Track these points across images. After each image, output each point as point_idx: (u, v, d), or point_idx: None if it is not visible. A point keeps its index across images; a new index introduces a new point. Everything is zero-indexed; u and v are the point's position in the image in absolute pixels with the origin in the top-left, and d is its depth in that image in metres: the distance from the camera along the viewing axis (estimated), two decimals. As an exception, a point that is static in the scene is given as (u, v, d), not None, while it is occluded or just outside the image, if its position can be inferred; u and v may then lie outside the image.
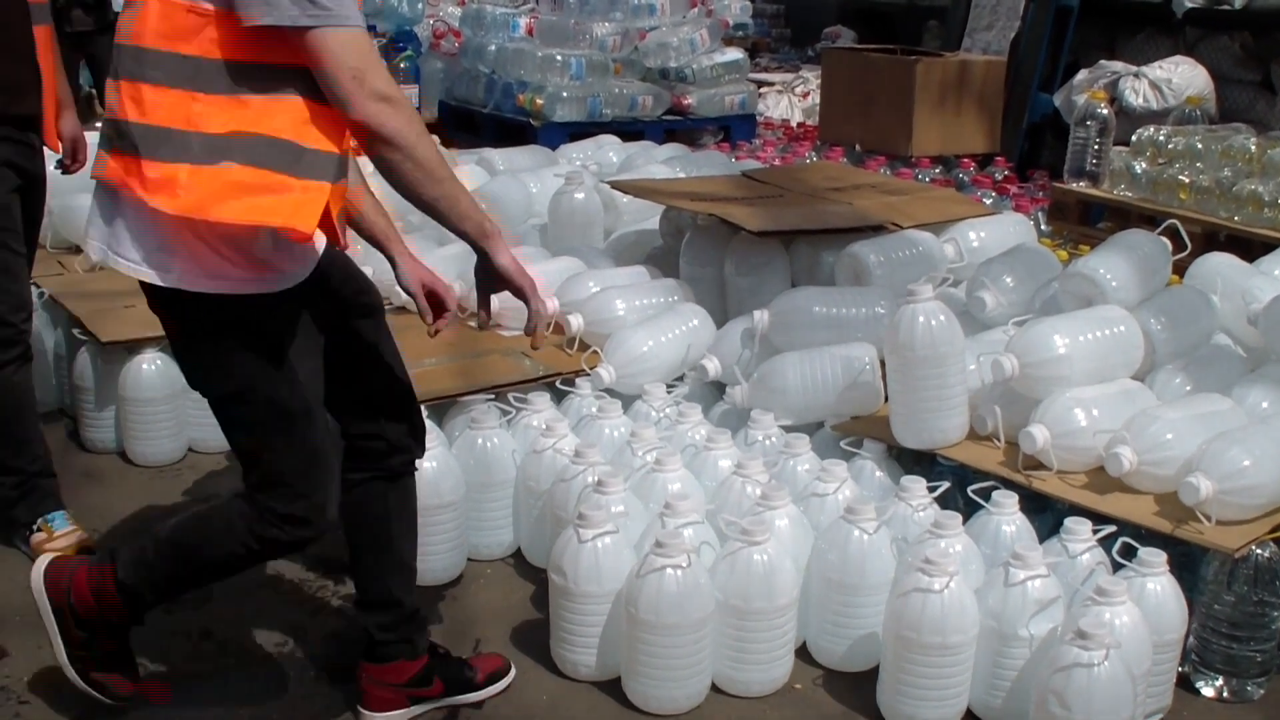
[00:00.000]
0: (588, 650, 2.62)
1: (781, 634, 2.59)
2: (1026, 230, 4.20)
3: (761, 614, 2.52)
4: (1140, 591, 2.42)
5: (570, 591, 2.57)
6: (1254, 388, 3.01)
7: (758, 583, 2.49)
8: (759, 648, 2.56)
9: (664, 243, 4.28)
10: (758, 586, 2.49)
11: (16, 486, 3.08)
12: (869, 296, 3.45)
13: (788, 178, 4.60)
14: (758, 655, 2.57)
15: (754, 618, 2.52)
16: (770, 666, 2.60)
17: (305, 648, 2.75)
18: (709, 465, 2.96)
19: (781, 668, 2.62)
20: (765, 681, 2.60)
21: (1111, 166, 4.88)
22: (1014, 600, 2.41)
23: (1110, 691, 2.21)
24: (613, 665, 2.61)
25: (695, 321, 3.61)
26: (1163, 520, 2.63)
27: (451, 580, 3.03)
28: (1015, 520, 2.70)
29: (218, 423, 2.23)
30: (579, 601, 2.58)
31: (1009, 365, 2.89)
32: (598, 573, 2.55)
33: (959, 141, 6.91)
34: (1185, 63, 6.28)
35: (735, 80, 7.70)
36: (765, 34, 13.49)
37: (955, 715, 2.50)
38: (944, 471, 2.96)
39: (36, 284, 4.07)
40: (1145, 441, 2.71)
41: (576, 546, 2.55)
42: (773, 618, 2.54)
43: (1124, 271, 3.22)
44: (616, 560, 2.56)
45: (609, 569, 2.55)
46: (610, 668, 2.62)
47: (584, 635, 2.61)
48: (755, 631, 2.54)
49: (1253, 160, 4.46)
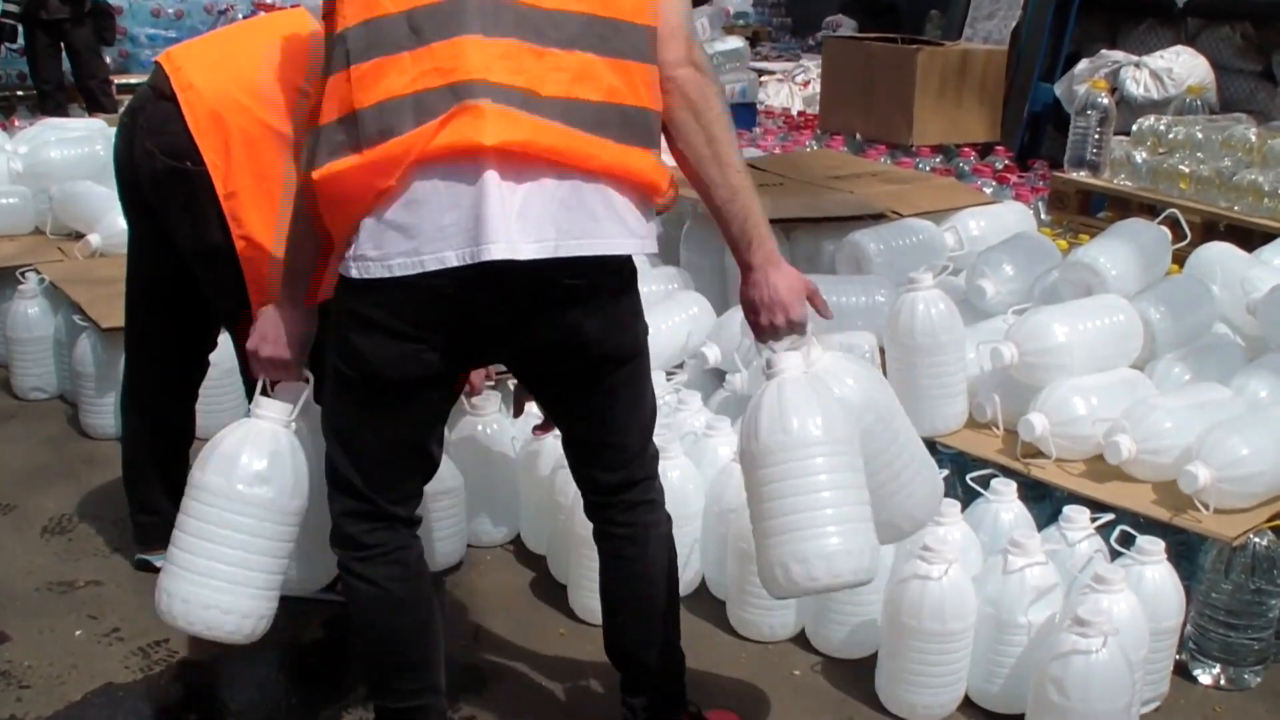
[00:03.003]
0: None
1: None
2: (1027, 219, 4.20)
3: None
4: (1138, 579, 2.43)
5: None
6: (1253, 377, 3.01)
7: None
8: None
9: (664, 230, 4.28)
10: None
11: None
12: (869, 285, 3.45)
13: (788, 166, 4.60)
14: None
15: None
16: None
17: (306, 633, 2.76)
18: (708, 452, 2.96)
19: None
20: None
21: (1112, 156, 4.88)
22: (1012, 587, 2.42)
23: (1108, 679, 2.21)
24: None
25: (695, 309, 3.61)
26: (1161, 508, 2.64)
27: (452, 566, 3.04)
28: (1014, 508, 2.70)
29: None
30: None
31: (1008, 353, 2.90)
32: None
33: (959, 131, 6.90)
34: (1186, 53, 6.28)
35: (736, 69, 7.70)
36: (766, 22, 13.49)
37: (953, 702, 2.51)
38: (943, 459, 2.96)
39: (37, 270, 4.09)
40: (1144, 430, 2.71)
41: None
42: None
43: (1124, 261, 3.23)
44: None
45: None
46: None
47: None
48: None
49: (1253, 150, 4.46)
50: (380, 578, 2.07)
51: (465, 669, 2.65)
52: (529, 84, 1.83)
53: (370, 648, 2.17)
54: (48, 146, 4.68)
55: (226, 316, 2.69)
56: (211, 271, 2.58)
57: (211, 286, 2.63)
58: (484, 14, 1.83)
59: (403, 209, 1.82)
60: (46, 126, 5.23)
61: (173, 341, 2.86)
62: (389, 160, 1.80)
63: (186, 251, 2.59)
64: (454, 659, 2.67)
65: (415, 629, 2.13)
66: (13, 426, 3.92)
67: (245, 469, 2.13)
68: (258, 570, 2.17)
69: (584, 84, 1.86)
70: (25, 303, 4.07)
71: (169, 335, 2.85)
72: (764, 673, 2.67)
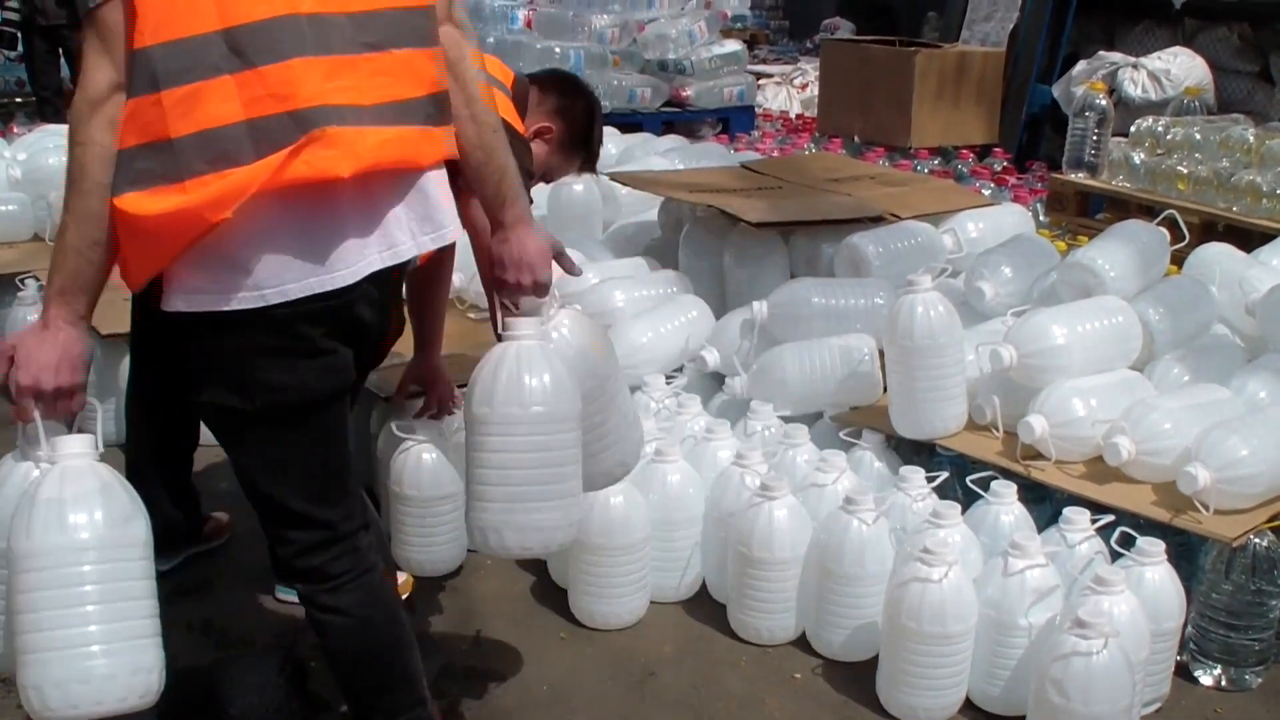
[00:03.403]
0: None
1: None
2: (1025, 221, 4.20)
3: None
4: (1138, 580, 2.43)
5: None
6: (1252, 377, 3.02)
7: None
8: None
9: (663, 234, 4.28)
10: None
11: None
12: (868, 287, 3.45)
13: (786, 169, 4.60)
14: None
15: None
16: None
17: (306, 637, 2.76)
18: (708, 456, 2.96)
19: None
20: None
21: (1110, 157, 4.88)
22: (1013, 589, 2.42)
23: (1109, 680, 2.21)
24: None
25: (694, 313, 3.61)
26: (1161, 509, 2.64)
27: (452, 571, 3.03)
28: (1014, 510, 2.70)
29: None
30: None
31: (1007, 355, 2.90)
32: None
33: (958, 133, 6.92)
34: (1184, 54, 6.30)
35: (734, 72, 7.72)
36: (764, 26, 13.52)
37: (954, 704, 2.51)
38: (943, 461, 2.97)
39: (36, 276, 4.08)
40: (1143, 431, 2.72)
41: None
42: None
43: (1122, 262, 3.23)
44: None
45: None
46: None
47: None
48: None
49: (1251, 151, 4.46)
50: (350, 605, 2.04)
51: (466, 673, 2.65)
52: (359, 98, 1.83)
53: (351, 675, 2.12)
54: (47, 153, 4.68)
55: None
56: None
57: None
58: (302, 31, 1.79)
59: (261, 239, 1.78)
60: (45, 133, 5.24)
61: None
62: (229, 193, 1.73)
63: None
64: (454, 663, 2.68)
65: (394, 648, 2.11)
66: (13, 433, 3.91)
67: (85, 516, 1.76)
68: (128, 618, 1.80)
69: (405, 81, 1.88)
70: (24, 309, 4.05)
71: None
72: (764, 676, 2.67)
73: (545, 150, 2.83)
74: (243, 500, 2.08)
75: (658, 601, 2.90)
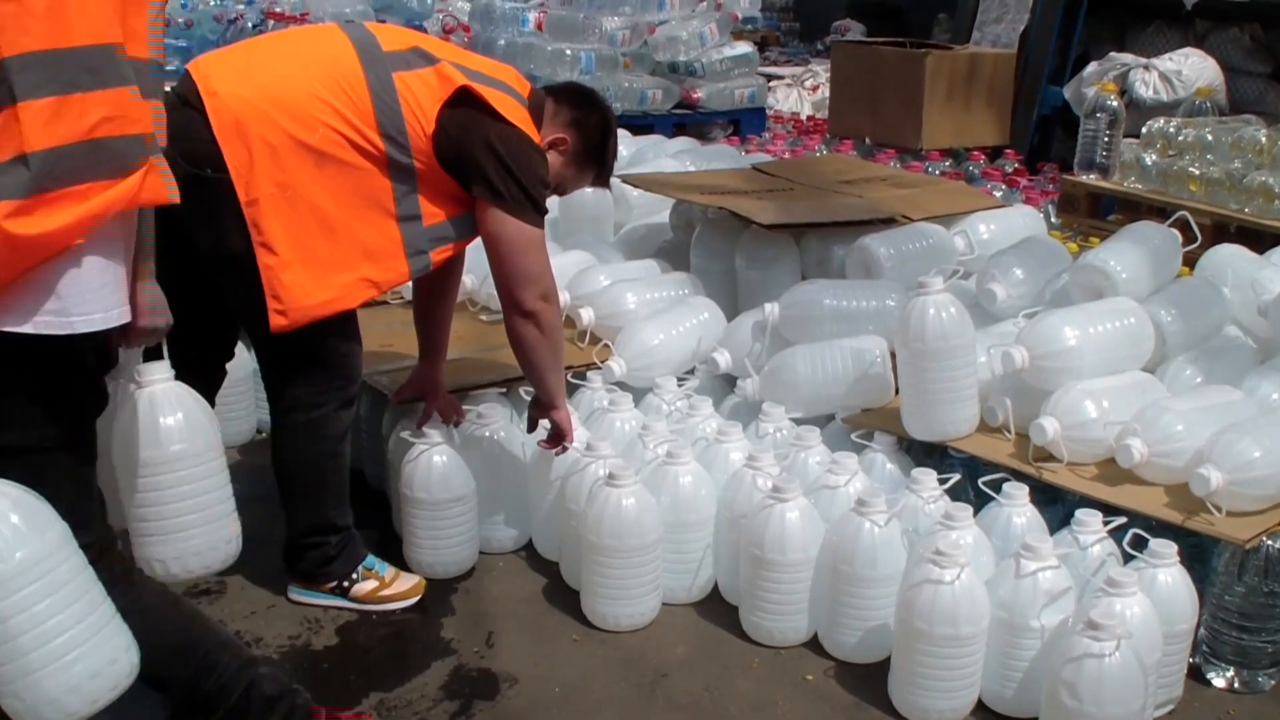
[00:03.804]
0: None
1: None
2: (1036, 223, 4.20)
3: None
4: (1151, 582, 2.43)
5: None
6: (1265, 379, 3.01)
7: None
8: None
9: (674, 236, 4.29)
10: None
11: (340, 545, 2.90)
12: (879, 289, 3.45)
13: (798, 171, 4.60)
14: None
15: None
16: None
17: (319, 639, 2.77)
18: (720, 458, 2.97)
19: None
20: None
21: (1121, 159, 4.88)
22: (1025, 591, 2.42)
23: (1121, 682, 2.22)
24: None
25: (706, 315, 3.62)
26: (1173, 511, 2.63)
27: (464, 573, 3.04)
28: (1026, 512, 2.70)
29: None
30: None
31: (1019, 357, 2.90)
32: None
33: (969, 134, 6.91)
34: (1195, 55, 6.28)
35: (745, 74, 7.71)
36: (774, 27, 13.50)
37: (966, 706, 2.51)
38: (954, 463, 2.97)
39: None
40: (1156, 433, 2.71)
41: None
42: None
43: (1134, 263, 3.23)
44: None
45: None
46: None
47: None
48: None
49: (1263, 152, 4.45)
50: (144, 595, 2.01)
51: (479, 675, 2.65)
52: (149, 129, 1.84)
53: (171, 660, 2.03)
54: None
55: (246, 322, 2.70)
56: (231, 278, 2.59)
57: (230, 293, 2.65)
58: (123, 61, 1.77)
59: (104, 259, 1.78)
60: None
61: (191, 348, 2.87)
62: (98, 210, 1.71)
63: (206, 258, 2.61)
64: (467, 665, 2.69)
65: (189, 621, 2.13)
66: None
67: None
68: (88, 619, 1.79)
69: (158, 123, 1.88)
70: None
71: (187, 343, 2.86)
72: (777, 678, 2.67)
73: (559, 162, 2.83)
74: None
75: (670, 603, 2.91)
